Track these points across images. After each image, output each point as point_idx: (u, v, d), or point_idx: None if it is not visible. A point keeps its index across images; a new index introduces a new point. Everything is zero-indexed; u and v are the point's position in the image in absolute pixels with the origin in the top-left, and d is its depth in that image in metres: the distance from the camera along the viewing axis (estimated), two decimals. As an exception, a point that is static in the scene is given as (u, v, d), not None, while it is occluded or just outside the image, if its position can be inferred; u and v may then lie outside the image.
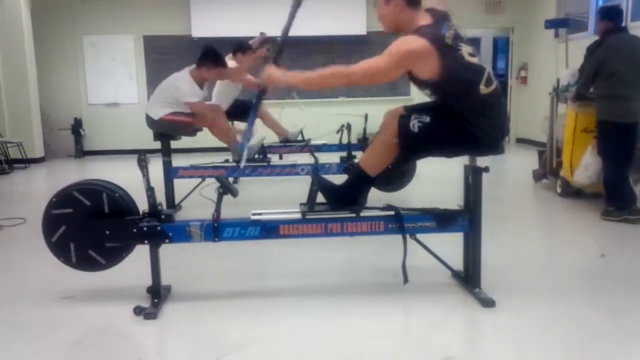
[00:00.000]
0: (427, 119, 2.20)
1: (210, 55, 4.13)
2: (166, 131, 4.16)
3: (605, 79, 3.70)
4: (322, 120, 5.38)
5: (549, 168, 4.82)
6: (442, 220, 2.35)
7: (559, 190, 4.57)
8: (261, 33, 5.18)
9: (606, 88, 3.72)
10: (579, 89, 4.04)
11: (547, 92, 5.08)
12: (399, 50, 2.11)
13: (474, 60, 2.17)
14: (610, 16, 3.86)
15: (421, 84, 2.24)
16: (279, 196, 4.91)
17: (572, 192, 4.44)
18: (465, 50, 2.16)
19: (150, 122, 4.15)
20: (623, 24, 3.93)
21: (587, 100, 4.02)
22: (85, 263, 2.29)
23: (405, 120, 2.22)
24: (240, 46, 5.02)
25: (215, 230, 2.28)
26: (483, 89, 2.16)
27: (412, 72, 2.18)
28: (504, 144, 2.35)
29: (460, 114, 2.18)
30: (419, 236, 2.36)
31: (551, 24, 5.53)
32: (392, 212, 2.35)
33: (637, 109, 3.69)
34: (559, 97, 4.70)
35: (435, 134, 2.21)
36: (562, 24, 5.39)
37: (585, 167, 4.02)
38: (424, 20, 2.19)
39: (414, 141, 2.21)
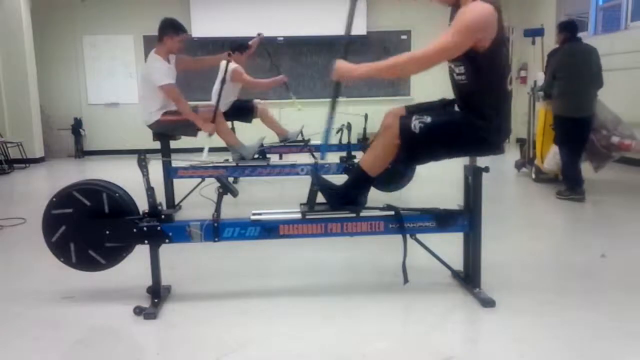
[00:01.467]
0: (428, 119, 2.20)
1: (168, 24, 4.12)
2: (166, 132, 4.16)
3: (561, 80, 4.41)
4: (322, 120, 5.37)
5: (527, 158, 5.62)
6: (442, 220, 2.35)
7: (533, 176, 5.36)
8: (258, 34, 5.18)
9: (561, 88, 4.41)
10: (544, 88, 4.78)
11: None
12: (471, 19, 2.05)
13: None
14: (569, 29, 4.64)
15: (465, 55, 2.14)
16: (279, 196, 4.91)
17: (545, 178, 5.22)
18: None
19: (150, 126, 4.16)
20: (578, 35, 4.71)
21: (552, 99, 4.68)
22: (85, 263, 2.29)
23: (406, 120, 2.22)
24: (238, 46, 5.01)
25: (215, 230, 2.28)
26: (509, 84, 2.20)
27: (478, 40, 2.10)
28: (505, 144, 2.36)
29: (478, 108, 2.18)
30: (419, 236, 2.36)
31: (527, 33, 6.25)
32: (392, 212, 2.35)
33: (587, 105, 4.38)
34: (535, 96, 5.40)
35: (436, 135, 2.21)
36: (538, 33, 6.10)
37: (553, 155, 4.74)
38: None
39: (415, 142, 2.21)
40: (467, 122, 2.21)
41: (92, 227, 2.23)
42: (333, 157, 4.66)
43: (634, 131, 4.72)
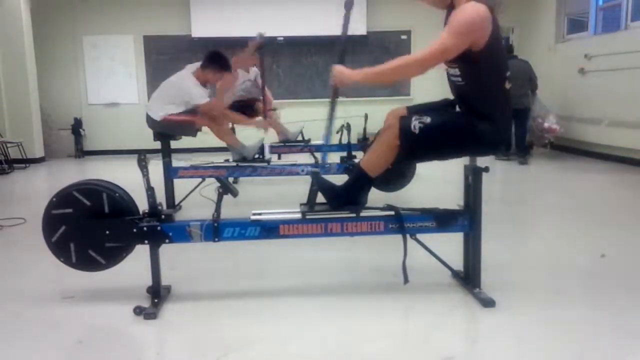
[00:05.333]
0: (428, 120, 2.20)
1: (217, 59, 4.15)
2: (168, 131, 4.16)
3: None
4: (322, 120, 5.37)
5: None
6: (442, 220, 2.35)
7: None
8: (259, 33, 5.18)
9: None
10: None
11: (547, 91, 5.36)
12: (466, 20, 2.06)
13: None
14: (507, 48, 7.25)
15: (459, 57, 2.15)
16: (279, 196, 4.91)
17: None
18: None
19: (152, 122, 4.15)
20: (514, 54, 7.32)
21: None
22: (85, 263, 2.29)
23: (406, 121, 2.22)
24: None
25: (215, 230, 2.28)
26: (506, 83, 2.20)
27: (474, 41, 2.11)
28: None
29: (477, 109, 2.18)
30: (419, 236, 2.36)
31: None
32: (392, 212, 2.35)
33: (521, 100, 6.66)
34: None
35: (436, 135, 2.21)
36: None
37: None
38: None
39: (415, 142, 2.21)
40: (467, 123, 2.21)
41: (92, 227, 2.23)
42: (333, 157, 4.67)
43: (561, 121, 6.95)
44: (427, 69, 2.16)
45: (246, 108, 5.25)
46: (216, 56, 4.16)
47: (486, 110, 2.18)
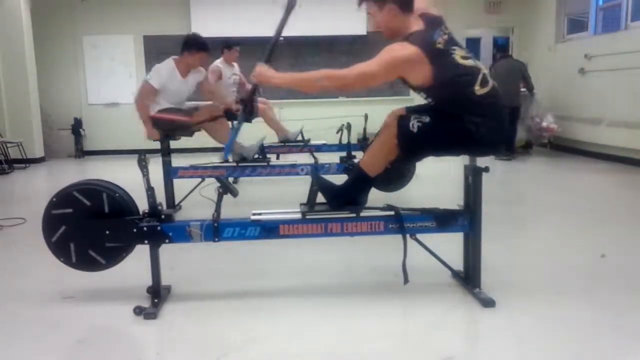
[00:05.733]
0: (427, 119, 2.20)
1: (193, 41, 4.20)
2: (163, 129, 4.15)
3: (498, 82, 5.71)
4: (323, 120, 5.38)
5: None
6: (442, 220, 2.35)
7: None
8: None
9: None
10: None
11: (547, 91, 5.35)
12: (390, 57, 2.12)
13: (468, 62, 2.19)
14: (501, 50, 7.85)
15: (415, 89, 2.27)
16: (279, 196, 4.91)
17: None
18: (459, 53, 2.17)
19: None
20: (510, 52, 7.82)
21: None
22: (85, 263, 2.29)
23: (404, 120, 2.22)
24: (225, 43, 5.42)
25: (215, 230, 2.28)
26: (478, 89, 2.16)
27: (405, 78, 2.20)
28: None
29: (459, 115, 2.19)
30: (419, 236, 2.36)
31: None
32: (392, 212, 2.35)
33: (512, 99, 6.69)
34: None
35: (434, 134, 2.21)
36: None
37: None
38: (416, 25, 2.21)
39: (413, 141, 2.21)
40: (461, 123, 2.21)
41: (92, 227, 2.23)
42: (333, 157, 4.67)
43: (558, 120, 7.08)
44: (348, 87, 2.25)
45: (244, 109, 5.24)
46: (192, 39, 4.22)
47: (467, 116, 2.18)
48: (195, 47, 4.17)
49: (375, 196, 2.66)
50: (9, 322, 2.25)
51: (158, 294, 2.31)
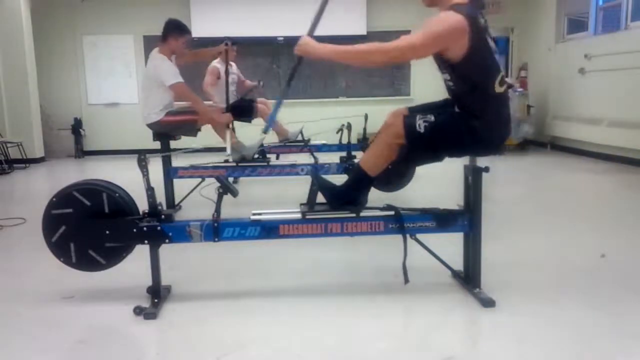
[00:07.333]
0: (432, 118, 2.21)
1: (173, 25, 4.19)
2: (168, 132, 4.16)
3: None
4: (321, 120, 5.39)
5: None
6: (442, 220, 2.35)
7: None
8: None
9: None
10: None
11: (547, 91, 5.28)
12: (437, 27, 2.09)
13: (496, 57, 2.21)
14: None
15: (445, 64, 2.20)
16: (279, 196, 4.91)
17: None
18: (492, 44, 2.18)
19: (151, 126, 4.16)
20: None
21: None
22: (85, 263, 2.29)
23: (411, 120, 2.22)
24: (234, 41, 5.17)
25: (215, 230, 2.28)
26: (497, 87, 2.18)
27: (445, 50, 2.14)
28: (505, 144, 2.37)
29: (470, 109, 2.19)
30: (419, 236, 2.36)
31: None
32: (392, 212, 2.35)
33: None
34: None
35: (442, 133, 2.21)
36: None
37: None
38: None
39: (421, 141, 2.21)
40: (465, 122, 2.21)
41: (92, 227, 2.23)
42: (333, 157, 4.66)
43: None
44: (396, 60, 2.24)
45: (245, 108, 5.24)
46: (171, 23, 4.21)
47: (476, 112, 2.19)
48: (178, 31, 4.16)
49: (375, 196, 2.66)
50: (9, 322, 2.25)
51: (158, 294, 2.31)
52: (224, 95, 4.84)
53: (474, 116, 2.19)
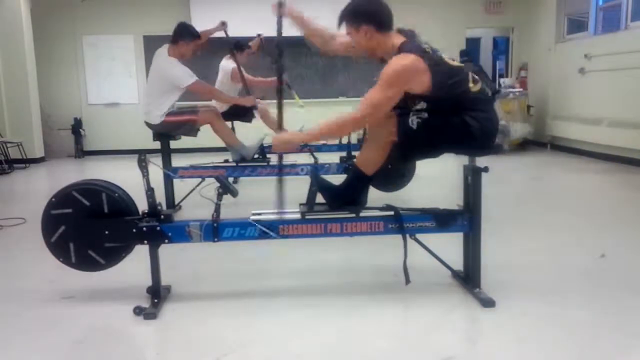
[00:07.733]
0: (425, 115, 2.21)
1: (185, 29, 4.21)
2: (168, 132, 4.16)
3: None
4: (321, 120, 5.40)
5: None
6: (442, 220, 2.35)
7: None
8: (258, 34, 5.23)
9: None
10: None
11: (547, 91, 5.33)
12: (393, 72, 2.12)
13: (455, 63, 2.23)
14: (464, 53, 7.74)
15: (415, 98, 2.24)
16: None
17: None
18: (444, 56, 2.21)
19: (151, 125, 4.16)
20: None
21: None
22: (85, 263, 2.29)
23: (403, 118, 2.22)
24: (239, 45, 5.13)
25: (215, 230, 2.28)
26: (472, 86, 2.20)
27: (408, 89, 2.18)
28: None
29: (457, 112, 2.20)
30: (418, 236, 2.36)
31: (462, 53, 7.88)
32: (392, 212, 2.35)
33: None
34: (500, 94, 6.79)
35: (434, 129, 2.22)
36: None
37: None
38: (398, 39, 2.23)
39: (414, 138, 2.22)
40: (459, 116, 2.21)
41: (92, 227, 2.23)
42: (333, 157, 4.66)
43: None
44: (364, 124, 2.32)
45: (244, 109, 5.24)
46: (183, 27, 4.23)
47: (466, 109, 2.21)
48: (190, 36, 4.18)
49: (375, 196, 2.66)
50: (9, 322, 2.25)
51: (158, 294, 2.31)
52: (231, 93, 4.93)
53: (464, 114, 2.20)
